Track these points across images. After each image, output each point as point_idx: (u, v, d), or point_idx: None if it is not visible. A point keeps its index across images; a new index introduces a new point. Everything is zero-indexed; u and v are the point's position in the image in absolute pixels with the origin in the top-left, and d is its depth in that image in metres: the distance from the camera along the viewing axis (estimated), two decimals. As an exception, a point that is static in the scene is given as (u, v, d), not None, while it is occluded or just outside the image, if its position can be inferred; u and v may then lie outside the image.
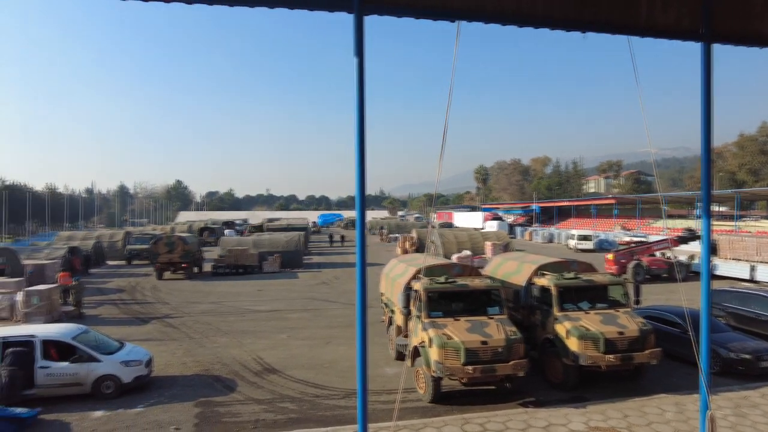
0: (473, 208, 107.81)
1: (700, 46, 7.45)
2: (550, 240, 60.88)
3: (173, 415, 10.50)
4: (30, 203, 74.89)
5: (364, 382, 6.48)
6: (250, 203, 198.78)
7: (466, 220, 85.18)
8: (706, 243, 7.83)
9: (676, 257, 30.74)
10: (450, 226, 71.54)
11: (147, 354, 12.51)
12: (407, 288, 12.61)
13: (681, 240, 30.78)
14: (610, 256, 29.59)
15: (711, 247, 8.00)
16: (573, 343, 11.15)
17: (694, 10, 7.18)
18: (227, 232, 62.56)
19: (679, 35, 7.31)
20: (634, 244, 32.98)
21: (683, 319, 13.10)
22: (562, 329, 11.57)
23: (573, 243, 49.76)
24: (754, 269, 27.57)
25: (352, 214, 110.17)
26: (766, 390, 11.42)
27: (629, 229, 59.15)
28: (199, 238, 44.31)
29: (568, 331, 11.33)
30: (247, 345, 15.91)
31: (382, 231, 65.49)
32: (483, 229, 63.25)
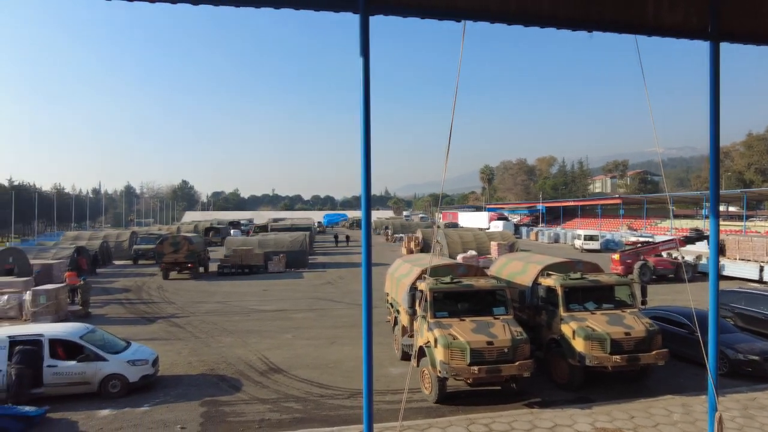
0: (478, 208, 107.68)
1: (708, 45, 7.39)
2: (556, 240, 60.66)
3: (179, 414, 10.54)
4: (37, 203, 75.43)
5: (370, 382, 6.48)
6: (255, 203, 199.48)
7: (471, 220, 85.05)
8: (714, 243, 7.77)
9: (683, 257, 30.54)
10: (455, 226, 71.46)
11: (153, 353, 12.56)
12: (412, 288, 12.60)
13: (688, 240, 30.61)
14: (616, 257, 29.46)
15: (718, 248, 7.93)
16: (579, 344, 11.09)
17: (702, 8, 7.12)
18: (233, 232, 62.78)
19: (686, 34, 7.25)
20: (640, 245, 32.81)
21: (690, 319, 13.01)
22: (567, 330, 11.52)
23: (579, 243, 49.55)
24: (762, 270, 27.36)
25: (356, 214, 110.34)
26: (774, 391, 11.32)
27: (635, 229, 58.86)
28: (204, 238, 44.49)
29: (574, 332, 11.29)
30: (252, 345, 15.95)
31: (387, 231, 65.51)
32: (488, 229, 63.16)
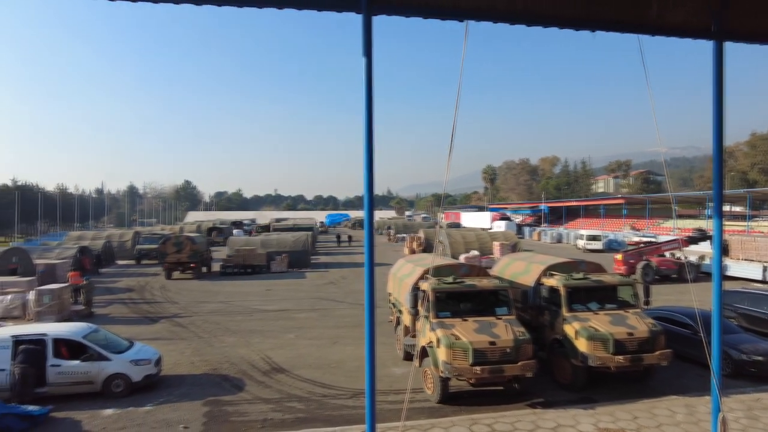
0: (481, 208, 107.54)
1: (712, 44, 7.37)
2: (559, 240, 60.53)
3: (182, 413, 10.56)
4: (41, 203, 75.67)
5: (373, 382, 6.48)
6: (258, 203, 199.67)
7: (473, 220, 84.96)
8: (717, 243, 7.74)
9: (686, 257, 30.45)
10: (458, 226, 71.38)
11: (156, 353, 12.59)
12: (415, 288, 12.59)
13: (691, 240, 30.50)
14: (619, 257, 29.39)
15: (722, 248, 7.90)
16: (582, 344, 11.07)
17: (705, 7, 7.09)
18: (235, 232, 62.85)
19: (690, 33, 7.24)
20: (643, 245, 32.73)
21: (694, 320, 12.98)
22: (570, 330, 11.50)
23: (582, 243, 49.45)
24: (766, 270, 27.25)
25: (359, 214, 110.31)
26: (778, 392, 11.28)
27: (638, 230, 58.69)
28: (207, 238, 44.58)
29: (576, 332, 11.26)
30: (255, 344, 15.97)
31: (390, 231, 65.49)
32: (491, 229, 63.05)
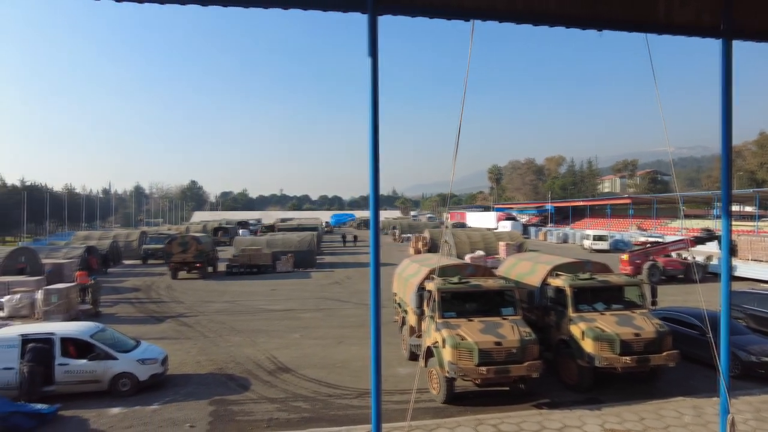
0: (486, 208, 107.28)
1: (720, 43, 7.30)
2: (565, 240, 60.29)
3: (188, 413, 10.61)
4: (48, 203, 76.23)
5: (378, 382, 6.47)
6: (263, 203, 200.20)
7: (479, 220, 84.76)
8: (726, 243, 7.68)
9: (693, 258, 30.24)
10: (463, 226, 71.26)
11: (162, 352, 12.65)
12: (420, 288, 12.58)
13: (698, 240, 30.28)
14: (625, 257, 29.24)
15: (730, 248, 7.84)
16: (588, 345, 11.02)
17: (714, 5, 7.03)
18: (241, 231, 63.06)
19: (698, 32, 7.17)
20: (649, 245, 32.53)
21: (701, 320, 12.87)
22: (576, 330, 11.45)
23: (588, 243, 49.22)
24: (774, 270, 27.00)
25: (364, 214, 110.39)
26: (787, 394, 11.17)
27: (645, 230, 58.33)
28: (213, 238, 44.73)
29: (583, 332, 11.21)
30: (260, 344, 16.01)
31: (395, 231, 65.47)
32: (496, 229, 62.89)
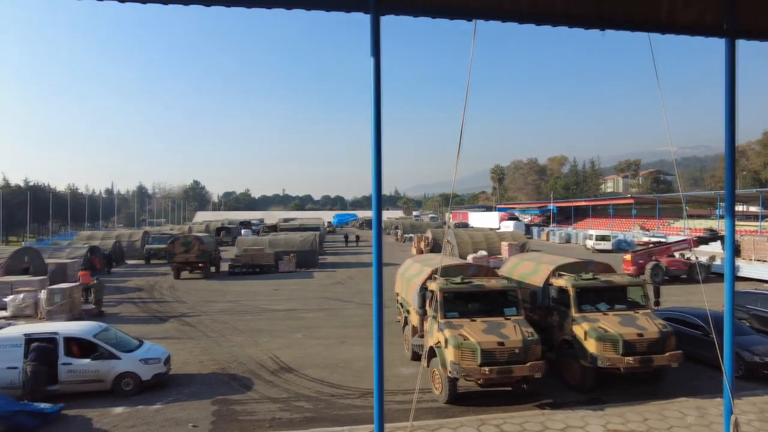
0: (489, 208, 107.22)
1: (724, 42, 7.28)
2: (567, 240, 60.18)
3: (191, 412, 10.63)
4: (52, 203, 76.50)
5: (381, 382, 6.47)
6: (266, 203, 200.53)
7: (481, 220, 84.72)
8: (729, 243, 7.66)
9: (697, 258, 30.15)
10: (465, 226, 71.21)
11: (165, 352, 12.68)
12: (423, 288, 12.57)
13: (701, 240, 30.18)
14: (628, 257, 29.18)
15: (734, 248, 7.81)
16: (591, 345, 11.00)
17: (717, 4, 7.01)
18: (244, 232, 63.14)
19: (701, 31, 7.15)
20: (652, 245, 32.45)
21: (705, 321, 12.84)
22: (579, 330, 11.43)
23: (590, 243, 49.14)
24: (778, 271, 26.88)
25: (366, 214, 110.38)
26: (791, 394, 11.13)
27: (648, 230, 58.19)
28: (216, 238, 44.82)
29: (586, 333, 11.19)
30: (263, 344, 16.03)
31: (397, 231, 65.47)
32: (499, 229, 62.84)
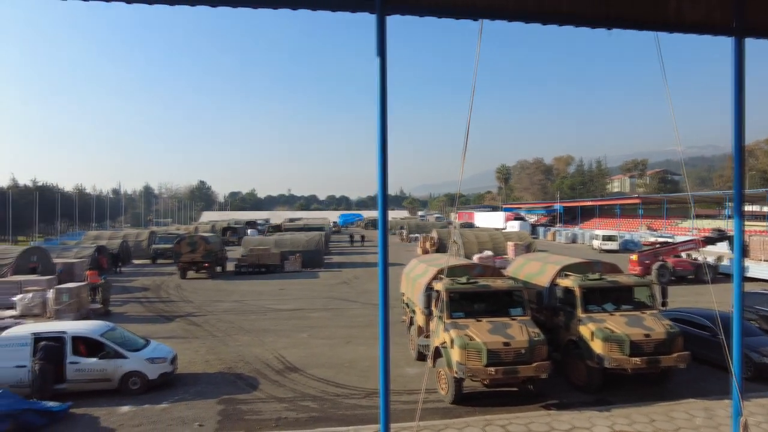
0: (494, 208, 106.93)
1: (732, 41, 7.23)
2: (574, 240, 59.94)
3: (197, 411, 10.67)
4: (59, 203, 77.05)
5: (387, 382, 6.48)
6: (271, 203, 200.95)
7: (487, 220, 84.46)
8: (738, 243, 7.60)
9: (705, 258, 29.94)
10: (471, 226, 71.04)
11: (171, 351, 12.74)
12: (428, 288, 12.56)
13: (708, 241, 29.97)
14: (634, 257, 29.02)
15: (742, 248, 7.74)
16: (597, 345, 10.95)
17: (725, 3, 6.97)
18: (249, 231, 63.32)
19: (709, 30, 7.11)
20: (658, 245, 32.25)
21: (713, 321, 12.74)
22: (586, 331, 11.37)
23: (597, 243, 48.89)
24: (787, 271, 26.65)
25: (372, 214, 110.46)
26: (800, 396, 11.02)
27: (655, 230, 57.83)
28: (222, 238, 44.95)
29: (592, 333, 11.14)
30: (268, 343, 16.07)
31: (402, 231, 65.43)
32: (505, 229, 62.65)
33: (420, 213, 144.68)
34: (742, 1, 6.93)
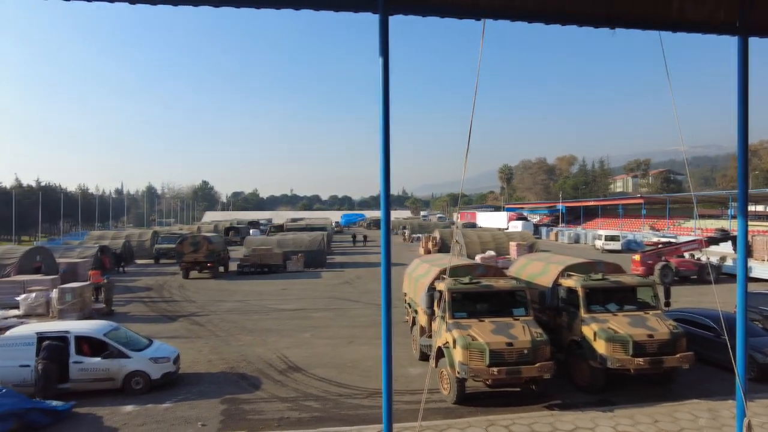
0: (497, 208, 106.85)
1: (736, 40, 7.19)
2: (577, 240, 59.81)
3: (200, 411, 10.69)
4: (63, 203, 77.35)
5: (390, 382, 6.48)
6: (274, 203, 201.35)
7: (489, 220, 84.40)
8: (742, 243, 7.57)
9: (708, 258, 29.83)
10: (473, 226, 71.00)
11: (174, 351, 12.76)
12: (431, 288, 12.55)
13: (712, 241, 29.86)
14: (637, 257, 28.96)
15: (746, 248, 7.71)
16: (600, 346, 10.92)
17: (730, 1, 6.93)
18: (252, 231, 63.46)
19: (713, 29, 7.08)
20: (661, 245, 32.16)
21: (717, 322, 12.70)
22: (589, 331, 11.35)
23: (600, 244, 48.78)
24: (791, 271, 26.53)
25: (374, 214, 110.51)
26: (805, 397, 10.97)
27: (658, 230, 57.69)
28: (224, 238, 45.06)
29: (595, 333, 11.11)
30: (271, 343, 16.09)
31: (405, 231, 65.43)
32: (507, 229, 62.59)
33: (422, 213, 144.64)
34: (746, 0, 6.90)
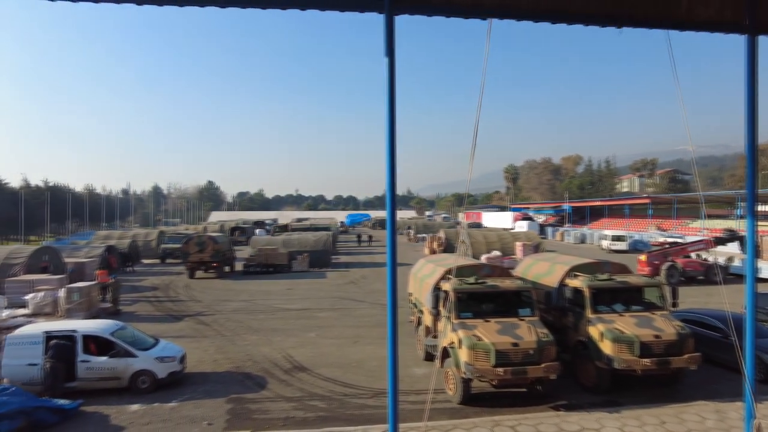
0: (502, 208, 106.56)
1: (744, 39, 7.14)
2: (582, 241, 59.59)
3: (206, 410, 10.73)
4: (70, 203, 77.86)
5: (395, 382, 6.47)
6: (279, 203, 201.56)
7: (495, 220, 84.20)
8: (751, 243, 7.51)
9: (716, 258, 29.62)
10: (478, 226, 70.84)
11: (180, 350, 12.82)
12: (436, 288, 12.53)
13: (719, 241, 29.63)
14: (643, 257, 28.77)
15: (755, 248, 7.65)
16: (606, 346, 10.87)
17: (737, 0, 6.89)
18: (258, 231, 63.60)
19: (721, 28, 7.03)
20: (668, 245, 31.96)
21: (724, 323, 12.62)
22: (595, 332, 11.30)
23: (606, 244, 48.60)
24: (800, 272, 26.29)
25: (379, 214, 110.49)
26: (814, 399, 10.86)
27: (665, 230, 57.32)
28: (230, 238, 45.15)
29: (601, 334, 11.06)
30: (276, 343, 16.13)
31: (410, 231, 65.40)
32: (513, 229, 62.41)
33: (427, 213, 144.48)
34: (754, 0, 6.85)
